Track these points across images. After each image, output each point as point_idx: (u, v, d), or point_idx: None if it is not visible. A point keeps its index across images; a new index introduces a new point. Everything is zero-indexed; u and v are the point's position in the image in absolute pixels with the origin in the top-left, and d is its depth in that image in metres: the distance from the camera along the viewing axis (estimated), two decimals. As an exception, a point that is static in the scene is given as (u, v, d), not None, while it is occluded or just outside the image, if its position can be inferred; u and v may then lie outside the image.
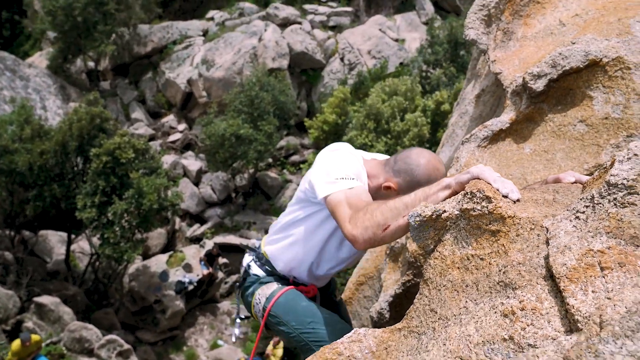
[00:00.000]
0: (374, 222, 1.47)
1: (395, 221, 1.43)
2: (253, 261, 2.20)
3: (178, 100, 21.21)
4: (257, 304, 2.08)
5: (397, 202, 1.46)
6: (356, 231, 1.51)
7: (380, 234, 1.46)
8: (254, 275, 2.15)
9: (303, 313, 1.94)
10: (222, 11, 23.44)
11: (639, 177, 1.11)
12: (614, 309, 0.94)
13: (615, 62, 2.18)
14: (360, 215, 1.52)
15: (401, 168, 1.84)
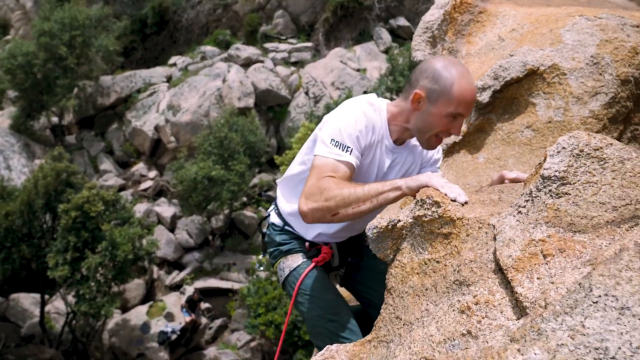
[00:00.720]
0: (325, 206, 1.54)
1: (344, 210, 1.51)
2: (274, 209, 2.15)
3: (146, 147, 21.08)
4: (280, 272, 2.05)
5: (351, 193, 1.51)
6: (307, 208, 1.58)
7: (328, 218, 1.57)
8: (273, 225, 2.11)
9: (326, 307, 1.89)
10: (184, 56, 23.67)
11: (569, 168, 1.19)
12: (556, 291, 1.00)
13: (551, 69, 2.32)
14: (317, 195, 1.57)
15: (417, 75, 1.71)
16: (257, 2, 24.09)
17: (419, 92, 1.66)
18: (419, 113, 1.68)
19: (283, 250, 2.03)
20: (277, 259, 2.05)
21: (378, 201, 1.48)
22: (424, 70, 1.68)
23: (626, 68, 2.27)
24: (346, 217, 1.52)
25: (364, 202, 1.49)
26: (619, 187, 1.16)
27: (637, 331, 0.83)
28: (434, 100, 1.64)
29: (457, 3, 3.00)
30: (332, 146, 1.65)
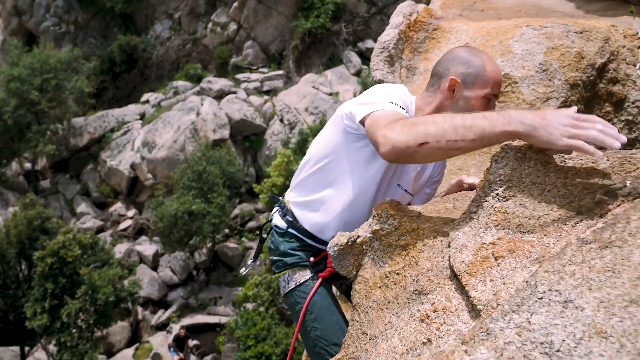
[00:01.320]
0: (414, 133, 1.27)
1: (437, 140, 1.24)
2: (277, 211, 1.95)
3: (123, 186, 20.85)
4: (284, 283, 1.88)
5: (446, 120, 1.26)
6: (390, 134, 1.31)
7: (413, 148, 1.26)
8: (276, 228, 1.91)
9: (332, 331, 1.75)
10: (157, 93, 23.70)
11: (514, 171, 1.22)
12: (507, 291, 1.02)
13: (503, 78, 2.40)
14: (399, 123, 1.34)
15: (444, 66, 1.67)
16: (226, 35, 24.36)
17: (455, 78, 1.63)
18: (455, 101, 1.65)
19: (288, 263, 1.86)
20: (281, 270, 1.88)
21: (482, 140, 1.22)
22: (453, 58, 1.67)
23: (574, 72, 2.36)
24: (437, 152, 1.26)
25: (463, 138, 1.22)
26: (562, 186, 1.20)
27: (579, 322, 0.85)
28: (470, 84, 1.63)
29: (412, 22, 3.09)
30: (384, 103, 1.47)
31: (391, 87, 1.65)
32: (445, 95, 1.66)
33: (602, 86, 2.47)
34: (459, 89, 1.64)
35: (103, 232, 18.95)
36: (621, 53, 2.64)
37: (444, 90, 1.66)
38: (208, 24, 24.85)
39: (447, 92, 1.65)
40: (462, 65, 1.64)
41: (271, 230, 1.96)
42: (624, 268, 0.96)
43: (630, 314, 0.87)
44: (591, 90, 2.42)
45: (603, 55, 2.46)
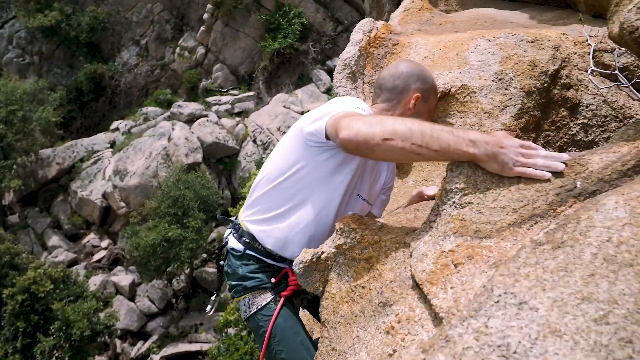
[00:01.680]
0: (381, 126, 1.25)
1: (402, 141, 1.23)
2: (231, 233, 1.90)
3: (96, 217, 20.40)
4: (245, 308, 1.83)
5: (414, 125, 1.25)
6: (356, 122, 1.29)
7: (376, 140, 1.24)
8: (232, 251, 1.85)
9: (298, 352, 1.70)
10: (126, 120, 23.43)
11: (469, 179, 1.25)
12: (466, 297, 1.03)
13: (462, 89, 2.46)
14: (367, 117, 1.33)
15: (405, 81, 1.75)
16: (194, 59, 24.35)
17: (418, 94, 1.74)
18: (415, 114, 1.73)
19: (248, 287, 1.81)
20: (241, 295, 1.83)
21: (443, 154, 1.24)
22: (409, 75, 1.77)
23: (528, 80, 2.43)
24: (398, 152, 1.24)
25: (427, 146, 1.22)
26: (516, 190, 1.23)
27: (534, 323, 0.87)
28: (427, 99, 1.78)
29: (371, 38, 3.15)
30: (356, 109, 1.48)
31: (350, 99, 1.65)
32: (406, 110, 1.74)
33: (557, 92, 2.55)
34: (419, 104, 1.75)
35: (76, 265, 18.45)
36: (572, 59, 2.74)
37: (406, 104, 1.74)
38: (176, 49, 24.82)
39: (409, 107, 1.74)
40: (420, 82, 1.77)
41: (227, 254, 1.89)
42: (576, 267, 0.98)
43: (582, 311, 0.89)
44: (546, 96, 2.50)
45: (555, 63, 2.54)
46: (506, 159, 1.22)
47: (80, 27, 24.20)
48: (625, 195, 1.12)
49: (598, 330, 0.86)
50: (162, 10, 25.43)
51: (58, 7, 23.98)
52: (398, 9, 3.81)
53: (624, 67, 2.87)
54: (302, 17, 23.14)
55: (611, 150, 1.33)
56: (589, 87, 2.68)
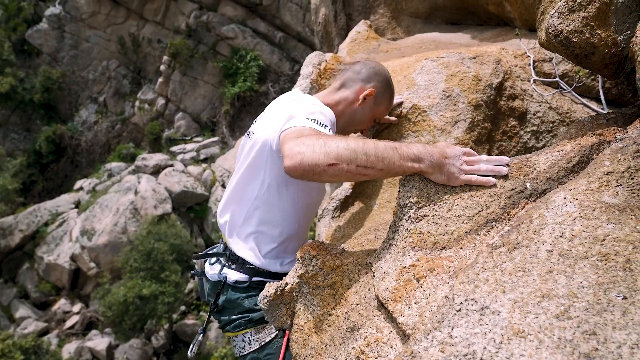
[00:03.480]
0: (325, 151, 1.22)
1: (347, 165, 1.21)
2: (225, 266, 1.76)
3: (65, 281, 19.62)
4: (244, 344, 1.67)
5: (358, 145, 1.23)
6: (300, 148, 1.25)
7: (322, 167, 1.21)
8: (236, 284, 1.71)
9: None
10: (90, 178, 22.95)
11: (421, 192, 1.25)
12: (430, 310, 1.01)
13: (413, 109, 2.51)
14: (312, 139, 1.27)
15: (370, 74, 1.81)
16: (155, 110, 24.29)
17: (374, 90, 1.79)
18: (361, 108, 1.80)
19: (254, 319, 1.66)
20: (243, 329, 1.68)
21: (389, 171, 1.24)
22: (377, 72, 1.83)
23: (474, 94, 2.50)
24: (345, 174, 1.23)
25: (372, 166, 1.21)
26: (469, 198, 1.24)
27: (497, 327, 0.86)
28: (379, 103, 1.83)
29: (321, 70, 3.20)
30: (310, 121, 1.43)
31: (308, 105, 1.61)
32: (355, 99, 1.81)
33: (503, 103, 2.63)
34: (370, 101, 1.81)
35: (48, 334, 17.57)
36: (514, 71, 2.84)
37: (359, 94, 1.80)
38: (135, 103, 24.75)
39: (360, 98, 1.81)
40: (383, 84, 1.85)
41: (227, 288, 1.73)
42: (533, 265, 0.98)
43: (543, 309, 0.88)
44: (494, 108, 2.57)
45: (498, 75, 2.63)
46: (452, 169, 1.24)
47: (34, 89, 23.91)
48: (573, 190, 1.14)
49: (561, 326, 0.85)
50: (118, 66, 25.44)
51: (10, 72, 23.70)
52: (345, 41, 3.90)
53: (563, 73, 2.99)
54: (258, 59, 23.52)
55: (556, 150, 1.36)
56: (533, 95, 2.78)
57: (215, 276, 1.77)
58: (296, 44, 24.88)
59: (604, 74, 1.47)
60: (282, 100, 1.81)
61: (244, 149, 1.79)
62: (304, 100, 1.69)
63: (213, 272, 1.80)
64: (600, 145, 1.35)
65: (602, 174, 1.17)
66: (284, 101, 1.77)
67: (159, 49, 24.79)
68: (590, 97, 2.96)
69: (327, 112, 1.58)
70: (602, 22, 1.38)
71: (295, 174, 1.26)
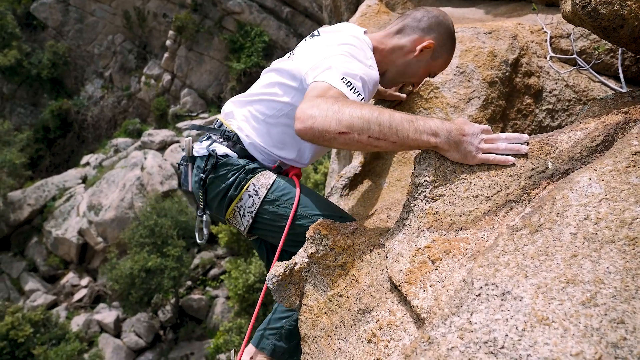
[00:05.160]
0: (337, 118, 1.18)
1: (359, 132, 1.17)
2: (216, 143, 1.72)
3: (73, 255, 19.86)
4: (250, 197, 1.60)
5: (373, 115, 1.18)
6: (313, 111, 1.20)
7: (332, 134, 1.18)
8: (225, 156, 1.68)
9: (319, 209, 1.53)
10: (96, 153, 23.01)
11: (437, 170, 1.20)
12: (447, 294, 0.97)
13: (425, 86, 2.43)
14: (328, 102, 1.22)
15: (431, 24, 1.67)
16: (161, 86, 24.15)
17: (433, 43, 1.66)
18: (416, 60, 1.68)
19: (250, 169, 1.64)
20: (242, 187, 1.61)
21: (403, 145, 1.18)
22: (439, 23, 1.68)
23: (489, 71, 2.42)
24: (355, 144, 1.18)
25: (385, 137, 1.17)
26: (487, 177, 1.18)
27: (520, 313, 0.81)
28: (436, 57, 1.68)
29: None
30: (344, 83, 1.35)
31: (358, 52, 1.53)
32: (412, 49, 1.68)
33: (519, 80, 2.54)
34: (427, 54, 1.67)
35: (57, 307, 17.87)
36: (531, 47, 2.74)
37: (417, 44, 1.67)
38: (141, 78, 24.60)
39: (417, 49, 1.67)
40: (444, 37, 1.68)
41: (214, 159, 1.67)
42: (557, 249, 0.93)
43: (568, 295, 0.84)
44: (509, 85, 2.49)
45: (514, 51, 2.54)
46: (469, 147, 1.18)
47: (41, 63, 23.79)
48: (599, 171, 1.08)
49: (587, 314, 0.81)
50: (124, 41, 25.21)
51: (16, 45, 23.55)
52: (355, 15, 3.79)
53: (581, 50, 2.89)
54: (264, 35, 23.21)
55: (579, 128, 1.30)
56: (549, 73, 2.69)
57: (204, 150, 1.73)
58: (303, 19, 24.50)
59: (632, 48, 1.40)
60: (336, 33, 1.67)
61: (281, 63, 1.73)
62: (358, 48, 1.54)
63: (201, 147, 1.76)
64: (626, 124, 1.28)
65: (629, 153, 1.11)
66: (337, 35, 1.64)
67: (164, 23, 24.51)
68: (609, 75, 2.86)
69: (369, 77, 1.46)
70: (633, -8, 1.30)
71: (305, 138, 1.23)
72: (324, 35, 1.68)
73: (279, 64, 1.73)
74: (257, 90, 1.75)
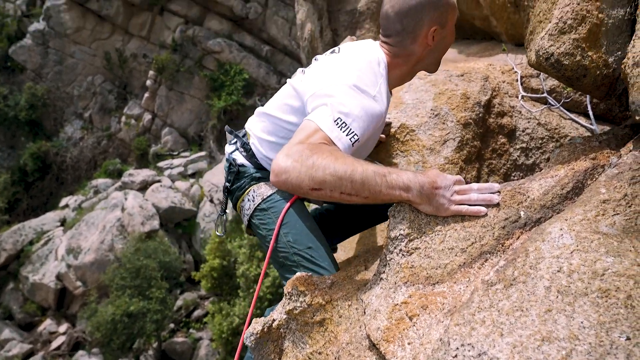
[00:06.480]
0: (309, 175, 1.20)
1: (330, 190, 1.20)
2: (237, 151, 1.87)
3: (51, 301, 19.23)
4: (248, 204, 1.73)
5: (346, 173, 1.18)
6: (285, 165, 1.22)
7: (304, 189, 1.21)
8: (242, 166, 1.82)
9: (306, 235, 1.57)
10: (76, 195, 22.64)
11: (412, 223, 1.20)
12: (425, 353, 0.96)
13: (401, 129, 2.47)
14: (304, 156, 1.22)
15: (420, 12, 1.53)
16: (141, 126, 24.13)
17: (435, 27, 1.55)
18: (435, 46, 1.61)
19: (255, 177, 1.77)
20: (245, 190, 1.77)
21: (375, 199, 1.19)
22: (419, 6, 1.53)
23: (463, 113, 2.47)
24: (328, 198, 1.22)
25: (357, 193, 1.19)
26: (462, 229, 1.19)
27: (497, 376, 0.80)
28: (445, 22, 1.58)
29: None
30: (336, 125, 1.34)
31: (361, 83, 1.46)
32: (424, 46, 1.60)
33: (492, 120, 2.60)
34: (438, 34, 1.58)
35: (33, 356, 17.17)
36: (502, 88, 2.83)
37: (424, 41, 1.59)
38: (121, 118, 24.57)
39: (427, 43, 1.59)
40: (432, 8, 1.54)
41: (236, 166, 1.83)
42: (531, 304, 0.93)
43: (544, 354, 0.83)
44: (483, 126, 2.55)
45: (486, 93, 2.61)
46: (441, 200, 1.20)
47: (18, 105, 23.64)
48: (569, 221, 1.10)
49: (564, 373, 0.80)
50: (104, 81, 25.29)
51: (-6, 89, 23.45)
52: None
53: (551, 89, 2.99)
54: (244, 73, 23.52)
55: (549, 175, 1.32)
56: (522, 112, 2.76)
57: (227, 155, 1.90)
58: (283, 57, 24.94)
59: (596, 95, 1.45)
60: (352, 55, 1.61)
61: (296, 78, 1.73)
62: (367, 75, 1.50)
63: (228, 150, 1.93)
64: (594, 169, 1.31)
65: (598, 202, 1.14)
66: (352, 58, 1.58)
67: (144, 63, 24.70)
68: (579, 112, 2.95)
69: (369, 113, 1.42)
70: (593, 43, 1.36)
71: (282, 189, 1.28)
72: (341, 54, 1.65)
73: (294, 80, 1.73)
74: (273, 103, 1.81)
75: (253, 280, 13.94)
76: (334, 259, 1.56)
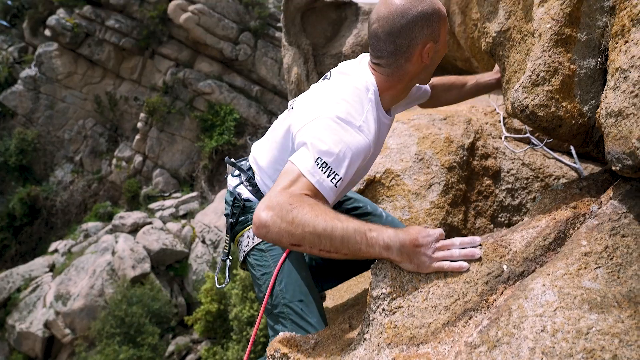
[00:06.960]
0: (289, 231, 1.19)
1: (310, 246, 1.19)
2: (242, 185, 1.82)
3: (38, 350, 18.65)
4: (248, 238, 1.73)
5: (326, 230, 1.18)
6: (266, 218, 1.21)
7: (284, 243, 1.21)
8: (247, 200, 1.78)
9: (299, 287, 1.56)
10: (65, 239, 22.33)
11: (394, 281, 1.18)
12: None
13: (386, 174, 2.48)
14: (284, 211, 1.20)
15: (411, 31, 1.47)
16: (132, 168, 24.11)
17: (429, 45, 1.49)
18: (429, 62, 1.55)
19: None
20: (247, 225, 1.75)
21: (355, 256, 1.19)
22: (411, 23, 1.46)
23: (447, 156, 2.49)
24: (307, 252, 1.23)
25: (336, 251, 1.19)
26: (445, 285, 1.17)
27: None
28: (437, 37, 1.51)
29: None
30: (317, 167, 1.31)
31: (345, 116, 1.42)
32: (419, 64, 1.54)
33: (476, 163, 2.62)
34: (431, 50, 1.52)
35: (18, 410, 16.50)
36: (485, 129, 2.86)
37: (418, 60, 1.53)
38: (112, 161, 24.56)
39: (422, 61, 1.53)
40: (425, 24, 1.47)
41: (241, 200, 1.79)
42: (516, 368, 0.91)
43: None
44: (467, 168, 2.57)
45: (469, 136, 2.64)
46: (422, 258, 1.19)
47: (8, 151, 23.60)
48: (551, 275, 1.08)
49: None
50: (95, 125, 25.40)
51: (-17, 134, 23.44)
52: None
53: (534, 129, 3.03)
54: (234, 113, 23.76)
55: (530, 226, 1.32)
56: (505, 153, 2.79)
57: (232, 188, 1.85)
58: (272, 96, 25.29)
59: (573, 143, 1.46)
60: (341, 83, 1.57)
61: (289, 112, 1.69)
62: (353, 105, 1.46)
63: (232, 183, 1.87)
64: (575, 219, 1.31)
65: (580, 255, 1.13)
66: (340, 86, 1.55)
67: (135, 106, 24.92)
68: (562, 151, 2.99)
69: (354, 149, 1.37)
70: (567, 94, 1.38)
71: (259, 234, 1.25)
72: (331, 81, 1.63)
73: (288, 113, 1.70)
74: (271, 135, 1.78)
75: (246, 322, 13.66)
76: (324, 313, 1.55)
